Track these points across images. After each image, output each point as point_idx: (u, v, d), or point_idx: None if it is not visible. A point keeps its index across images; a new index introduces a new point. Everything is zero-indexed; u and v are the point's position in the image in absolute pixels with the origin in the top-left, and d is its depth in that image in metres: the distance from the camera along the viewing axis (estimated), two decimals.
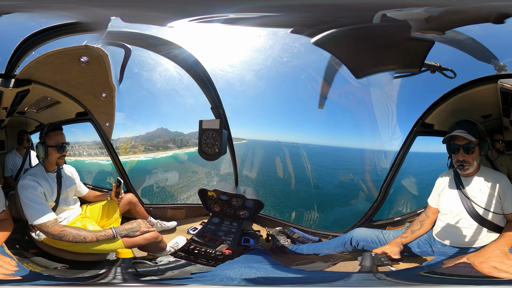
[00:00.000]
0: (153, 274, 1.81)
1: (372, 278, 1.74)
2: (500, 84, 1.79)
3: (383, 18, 1.81)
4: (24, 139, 2.12)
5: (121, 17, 1.85)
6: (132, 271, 1.76)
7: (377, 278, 1.73)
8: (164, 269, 1.85)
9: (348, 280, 1.71)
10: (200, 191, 2.26)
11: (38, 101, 2.03)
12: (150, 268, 1.87)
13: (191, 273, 1.80)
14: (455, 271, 1.68)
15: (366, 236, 1.99)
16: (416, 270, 1.80)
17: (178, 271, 1.83)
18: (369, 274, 1.78)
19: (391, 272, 1.78)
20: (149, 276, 1.77)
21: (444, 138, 1.83)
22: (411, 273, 1.79)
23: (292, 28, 1.95)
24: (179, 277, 1.79)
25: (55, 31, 1.78)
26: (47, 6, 1.81)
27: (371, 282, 1.71)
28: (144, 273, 1.80)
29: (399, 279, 1.69)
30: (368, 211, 2.11)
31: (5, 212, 1.90)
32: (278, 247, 2.08)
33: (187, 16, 1.90)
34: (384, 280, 1.70)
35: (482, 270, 1.58)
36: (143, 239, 1.94)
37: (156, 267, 1.88)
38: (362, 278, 1.76)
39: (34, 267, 1.78)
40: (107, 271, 1.73)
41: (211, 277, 1.72)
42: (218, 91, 2.02)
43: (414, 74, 1.89)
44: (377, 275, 1.75)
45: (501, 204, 1.80)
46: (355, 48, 1.92)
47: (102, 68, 1.93)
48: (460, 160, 1.82)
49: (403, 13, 1.80)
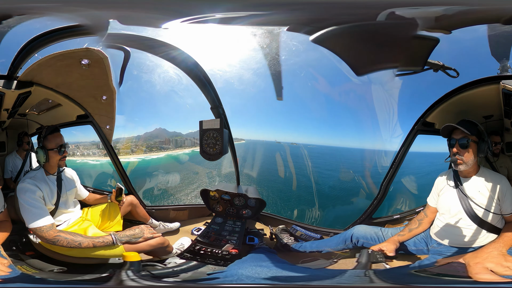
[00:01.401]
0: (167, 276, 1.80)
1: (366, 275, 1.76)
2: (502, 85, 1.78)
3: (386, 15, 1.79)
4: (24, 142, 2.11)
5: (118, 19, 1.82)
6: (146, 274, 1.75)
7: (371, 275, 1.74)
8: (178, 271, 1.84)
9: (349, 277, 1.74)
10: (202, 192, 2.26)
11: (39, 103, 2.02)
12: (164, 271, 1.86)
13: (207, 274, 1.80)
14: (447, 271, 1.68)
15: (365, 233, 2.02)
16: (409, 269, 1.81)
17: (192, 272, 1.82)
18: (364, 271, 1.79)
19: (384, 270, 1.80)
20: (164, 278, 1.76)
21: (442, 128, 1.81)
22: (403, 271, 1.80)
23: (287, 26, 1.93)
24: (196, 278, 1.78)
25: (57, 33, 1.76)
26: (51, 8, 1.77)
27: (366, 279, 1.73)
28: (158, 275, 1.79)
29: (391, 278, 1.70)
30: (368, 209, 2.13)
31: (4, 213, 1.89)
32: (282, 245, 2.10)
33: (182, 17, 1.87)
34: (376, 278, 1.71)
35: (475, 270, 1.55)
36: (149, 246, 1.91)
37: (170, 269, 1.87)
38: (359, 275, 1.77)
39: (29, 269, 1.77)
40: (116, 274, 1.70)
41: (226, 276, 1.70)
42: (217, 91, 2.01)
43: (416, 72, 1.88)
44: (371, 272, 1.76)
45: (500, 205, 1.80)
46: (356, 45, 1.91)
47: (102, 70, 1.91)
48: (454, 152, 1.81)
49: (409, 11, 1.78)
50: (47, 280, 1.70)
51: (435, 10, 1.76)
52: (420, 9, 1.77)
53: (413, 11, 1.78)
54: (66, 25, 1.74)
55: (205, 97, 2.04)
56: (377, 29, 1.89)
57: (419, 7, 1.76)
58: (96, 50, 1.83)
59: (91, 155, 2.18)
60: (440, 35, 1.80)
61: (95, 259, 1.87)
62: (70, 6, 1.71)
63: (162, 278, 1.75)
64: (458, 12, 1.74)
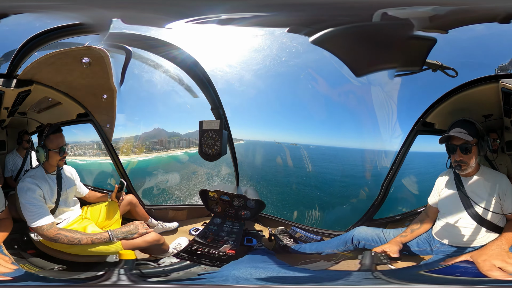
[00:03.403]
0: (158, 275, 1.80)
1: (372, 276, 1.74)
2: (501, 84, 1.79)
3: (384, 16, 1.81)
4: (24, 140, 2.11)
5: (121, 18, 1.85)
6: (136, 272, 1.75)
7: (378, 277, 1.73)
8: (169, 270, 1.85)
9: (352, 278, 1.72)
10: (201, 192, 2.25)
11: (39, 102, 2.03)
12: (155, 269, 1.86)
13: (197, 274, 1.80)
14: (457, 270, 1.68)
15: (367, 235, 2.00)
16: (416, 269, 1.80)
17: (184, 272, 1.82)
18: (370, 272, 1.78)
19: (390, 270, 1.78)
20: (154, 278, 1.76)
21: (440, 138, 1.81)
22: (411, 272, 1.79)
23: (288, 28, 1.95)
24: (185, 278, 1.78)
25: (58, 32, 1.78)
26: (52, 6, 1.80)
27: (372, 281, 1.71)
28: (148, 274, 1.79)
29: (399, 278, 1.69)
30: (369, 210, 2.11)
31: (5, 212, 1.91)
32: (281, 247, 2.08)
33: (186, 17, 1.90)
34: (383, 279, 1.71)
35: (485, 268, 1.57)
36: (144, 242, 1.92)
37: (161, 268, 1.87)
38: (364, 276, 1.76)
39: (30, 267, 1.79)
40: (109, 273, 1.72)
41: (218, 277, 1.71)
42: (218, 92, 2.02)
43: (415, 72, 1.89)
44: (377, 273, 1.75)
45: (501, 204, 1.79)
46: (355, 46, 1.92)
47: (103, 69, 1.93)
48: (457, 160, 1.81)
49: (406, 12, 1.80)
50: (49, 278, 1.71)
51: (432, 10, 1.78)
52: (417, 9, 1.79)
53: (410, 11, 1.80)
54: (67, 23, 1.76)
55: (206, 98, 2.04)
56: (375, 30, 1.91)
57: (416, 7, 1.78)
58: (97, 48, 1.85)
59: (91, 155, 2.18)
60: (437, 35, 1.82)
61: (94, 257, 1.88)
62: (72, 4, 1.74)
63: (149, 277, 1.74)
64: (454, 12, 1.76)
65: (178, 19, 1.90)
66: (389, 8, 1.79)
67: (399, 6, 1.79)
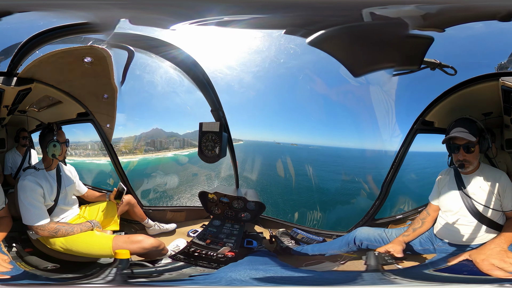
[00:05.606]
0: (150, 276, 1.77)
1: (380, 277, 1.72)
2: (501, 82, 1.80)
3: (378, 15, 1.84)
4: (20, 137, 2.11)
5: (130, 19, 1.88)
6: (127, 272, 1.72)
7: (386, 277, 1.70)
8: (162, 271, 1.82)
9: (360, 279, 1.69)
10: (201, 194, 2.23)
11: (39, 100, 2.04)
12: (146, 270, 1.83)
13: (189, 275, 1.77)
14: (459, 269, 1.66)
15: (369, 235, 1.98)
16: (422, 268, 1.78)
17: (176, 273, 1.80)
18: (377, 273, 1.75)
19: (399, 270, 1.76)
20: (145, 278, 1.73)
21: (444, 139, 1.84)
22: (419, 270, 1.76)
23: (285, 29, 1.98)
24: (176, 279, 1.75)
25: (60, 31, 1.80)
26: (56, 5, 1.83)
27: (380, 281, 1.69)
28: (140, 274, 1.76)
29: (409, 277, 1.67)
30: (370, 210, 2.09)
31: (4, 209, 1.90)
32: (283, 249, 2.05)
33: (189, 19, 1.93)
34: (393, 279, 1.68)
35: (483, 267, 1.57)
36: (142, 249, 1.89)
37: (154, 268, 1.85)
38: (371, 277, 1.73)
39: (27, 266, 1.78)
40: (101, 272, 1.71)
41: (213, 279, 1.69)
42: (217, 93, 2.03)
43: (413, 71, 1.91)
44: (386, 273, 1.72)
45: (501, 201, 1.79)
46: (352, 46, 1.95)
47: (105, 69, 1.94)
48: (461, 159, 1.82)
49: (401, 10, 1.83)
50: (45, 277, 1.70)
51: (432, 8, 1.80)
52: (415, 7, 1.82)
53: (407, 9, 1.83)
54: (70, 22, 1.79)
55: (206, 99, 2.05)
56: (371, 30, 1.94)
57: (414, 5, 1.81)
58: (100, 48, 1.87)
59: (91, 155, 2.17)
60: (436, 33, 1.85)
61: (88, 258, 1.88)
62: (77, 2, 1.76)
63: (143, 277, 1.72)
64: (453, 9, 1.79)
65: (182, 20, 1.93)
66: (385, 7, 1.82)
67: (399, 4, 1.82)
